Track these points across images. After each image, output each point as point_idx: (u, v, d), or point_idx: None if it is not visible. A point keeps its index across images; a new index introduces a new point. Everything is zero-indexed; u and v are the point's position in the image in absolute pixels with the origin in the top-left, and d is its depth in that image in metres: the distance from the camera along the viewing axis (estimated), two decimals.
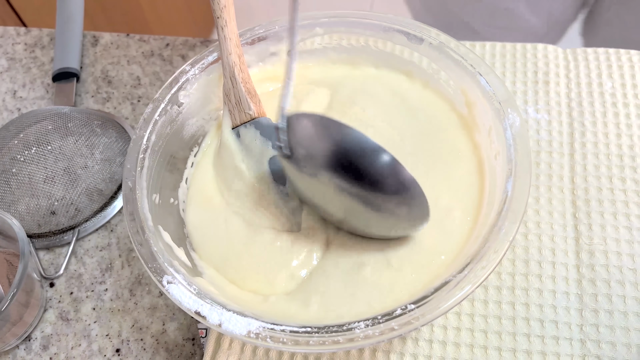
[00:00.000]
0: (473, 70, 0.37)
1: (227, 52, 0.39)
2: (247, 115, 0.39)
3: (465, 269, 0.29)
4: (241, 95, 0.39)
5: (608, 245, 0.40)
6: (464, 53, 0.38)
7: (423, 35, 0.39)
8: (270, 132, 0.39)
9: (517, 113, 0.34)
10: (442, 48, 0.39)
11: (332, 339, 0.28)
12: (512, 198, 0.31)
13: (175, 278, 0.31)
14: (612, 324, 0.37)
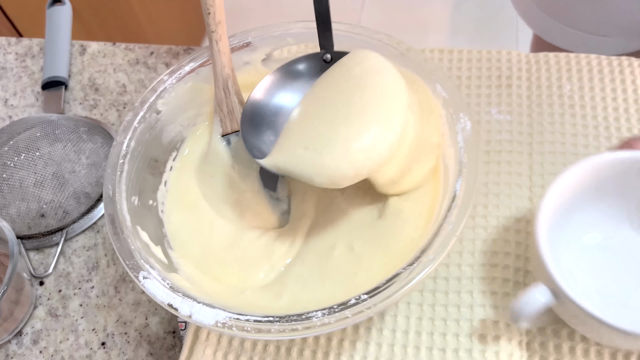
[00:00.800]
0: (431, 77, 0.40)
1: (221, 65, 0.41)
2: (239, 125, 0.42)
3: (415, 262, 0.32)
4: (234, 106, 0.42)
5: None
6: (422, 61, 0.41)
7: (388, 44, 0.42)
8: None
9: (468, 117, 0.37)
10: (404, 56, 0.41)
11: (291, 327, 0.31)
12: (460, 197, 0.34)
13: (150, 274, 0.34)
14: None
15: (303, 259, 0.38)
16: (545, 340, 0.39)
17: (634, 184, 0.39)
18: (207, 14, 0.41)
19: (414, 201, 0.38)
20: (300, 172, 0.35)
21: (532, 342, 0.39)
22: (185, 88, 0.44)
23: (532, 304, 0.34)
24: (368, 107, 0.36)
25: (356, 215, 0.39)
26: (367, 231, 0.38)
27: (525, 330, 0.39)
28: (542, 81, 0.52)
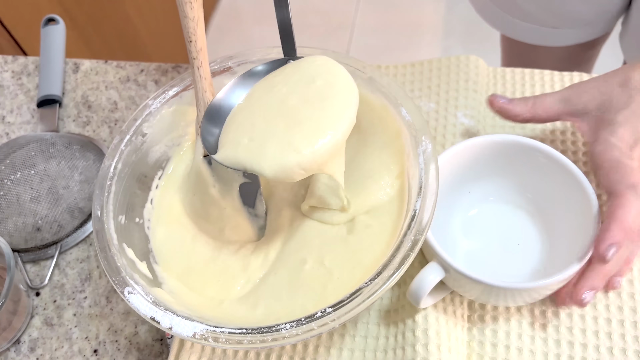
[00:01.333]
0: (396, 101, 0.42)
1: (202, 90, 0.44)
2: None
3: (376, 277, 0.35)
4: None
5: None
6: (387, 84, 0.43)
7: (356, 69, 0.45)
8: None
9: (429, 140, 0.40)
10: (372, 81, 0.44)
11: (262, 338, 0.34)
12: (419, 215, 0.37)
13: (135, 289, 0.37)
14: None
15: (276, 273, 0.41)
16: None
17: (512, 164, 0.46)
18: (189, 42, 0.44)
19: (381, 218, 0.41)
20: (248, 163, 0.38)
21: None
22: (169, 111, 0.46)
23: (428, 280, 0.39)
24: (315, 104, 0.39)
25: (327, 231, 0.42)
26: (338, 246, 0.41)
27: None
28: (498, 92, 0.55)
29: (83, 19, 1.21)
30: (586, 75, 0.55)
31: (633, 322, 0.42)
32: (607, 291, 0.44)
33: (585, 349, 0.41)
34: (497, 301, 0.42)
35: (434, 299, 0.42)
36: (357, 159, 0.44)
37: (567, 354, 0.41)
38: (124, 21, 1.30)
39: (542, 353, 0.42)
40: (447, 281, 0.41)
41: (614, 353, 0.41)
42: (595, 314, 0.43)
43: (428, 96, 0.55)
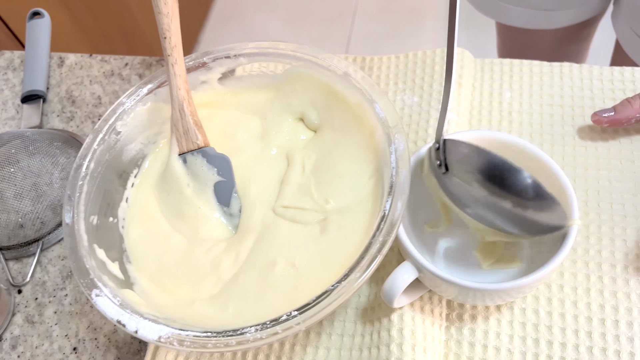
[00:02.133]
0: (370, 97, 0.42)
1: (177, 87, 0.44)
2: (194, 144, 0.44)
3: (343, 281, 0.34)
4: (189, 126, 0.44)
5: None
6: (361, 80, 0.42)
7: (330, 65, 0.44)
8: (215, 160, 0.44)
9: (402, 137, 0.39)
10: (346, 77, 0.43)
11: (227, 341, 0.34)
12: (388, 216, 0.36)
13: (102, 291, 0.37)
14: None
15: (246, 273, 0.41)
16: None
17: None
18: (164, 38, 0.43)
19: (354, 218, 0.41)
20: None
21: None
22: (144, 109, 0.46)
23: (400, 280, 0.38)
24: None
25: (299, 231, 0.42)
26: (310, 247, 0.40)
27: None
28: (484, 88, 0.54)
29: (81, 11, 1.20)
30: (576, 66, 0.54)
31: (614, 321, 0.41)
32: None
33: (564, 348, 0.41)
34: (475, 301, 0.41)
35: (409, 297, 0.42)
36: (331, 158, 0.44)
37: (546, 353, 0.41)
38: (124, 13, 1.30)
39: (520, 352, 0.41)
40: (423, 280, 0.40)
41: (593, 352, 0.40)
42: (575, 313, 0.42)
43: (412, 89, 0.54)
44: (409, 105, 0.54)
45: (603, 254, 0.44)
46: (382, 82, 0.56)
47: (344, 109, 0.44)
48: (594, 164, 0.48)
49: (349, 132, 0.44)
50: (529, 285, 0.38)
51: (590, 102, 0.52)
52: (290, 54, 0.45)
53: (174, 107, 0.44)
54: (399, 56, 0.57)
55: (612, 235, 0.45)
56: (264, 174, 0.45)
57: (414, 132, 0.51)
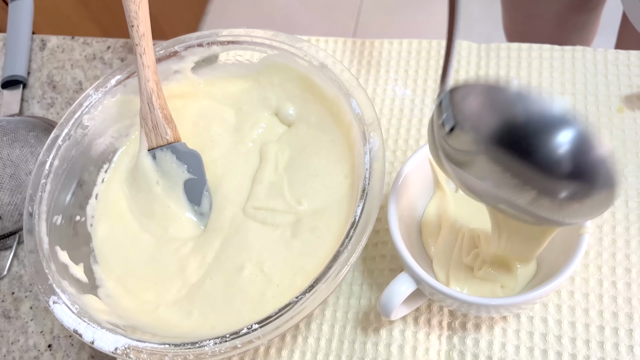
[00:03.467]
0: (347, 91, 0.39)
1: (145, 79, 0.41)
2: (163, 139, 0.42)
3: (308, 292, 0.32)
4: (158, 120, 0.42)
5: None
6: (340, 72, 0.40)
7: (307, 54, 0.41)
8: (186, 156, 0.42)
9: (378, 136, 0.36)
10: (323, 68, 0.40)
11: (184, 354, 0.32)
12: (359, 223, 0.34)
13: (60, 298, 0.35)
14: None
15: (212, 277, 0.39)
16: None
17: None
18: (131, 26, 0.41)
19: (328, 220, 0.38)
20: None
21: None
22: (113, 101, 0.44)
23: (398, 292, 0.35)
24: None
25: (270, 233, 0.39)
26: (280, 250, 0.38)
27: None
28: (490, 75, 0.50)
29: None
30: (589, 50, 0.50)
31: (628, 330, 0.38)
32: None
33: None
34: (479, 312, 0.38)
35: (408, 307, 0.39)
36: (305, 155, 0.41)
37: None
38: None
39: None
40: (424, 290, 0.37)
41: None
42: (587, 321, 0.39)
43: (404, 80, 0.51)
44: (400, 97, 0.50)
45: (617, 257, 0.41)
46: (373, 69, 0.53)
47: (320, 103, 0.41)
48: None
49: (325, 128, 0.41)
50: (536, 298, 0.35)
51: (604, 90, 0.48)
52: (266, 43, 0.42)
53: (143, 100, 0.42)
54: (392, 42, 0.54)
55: (627, 236, 0.42)
56: (238, 169, 0.43)
57: (405, 129, 0.48)
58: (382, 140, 0.36)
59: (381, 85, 0.51)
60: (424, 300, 0.39)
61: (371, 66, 0.53)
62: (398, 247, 0.36)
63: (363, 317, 0.42)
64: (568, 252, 0.36)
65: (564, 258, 0.35)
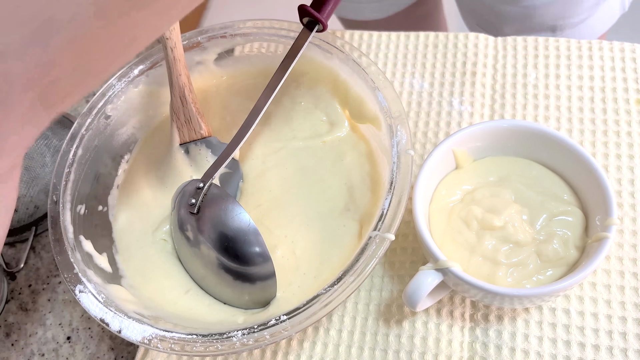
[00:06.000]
0: (373, 84, 0.39)
1: (177, 73, 0.41)
2: (197, 134, 0.42)
3: (336, 284, 0.32)
4: (192, 115, 0.42)
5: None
6: (365, 66, 0.39)
7: (334, 46, 0.41)
8: (221, 150, 0.42)
9: (405, 130, 0.36)
10: (348, 61, 0.40)
11: (213, 345, 0.32)
12: (387, 216, 0.34)
13: (86, 287, 0.35)
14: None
15: None
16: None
17: (527, 149, 0.41)
18: None
19: (356, 212, 0.38)
20: None
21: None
22: (135, 92, 0.44)
23: (424, 284, 0.35)
24: None
25: (311, 206, 0.40)
26: (312, 232, 0.39)
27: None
28: (507, 69, 0.50)
29: None
30: (606, 43, 0.50)
31: None
32: None
33: (597, 351, 0.38)
34: (502, 303, 0.38)
35: (433, 299, 0.39)
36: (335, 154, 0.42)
37: (578, 356, 0.38)
38: None
39: (550, 355, 0.38)
40: (448, 282, 0.38)
41: (628, 355, 0.38)
42: (609, 312, 0.39)
43: (421, 74, 0.51)
44: (417, 90, 0.50)
45: (638, 249, 0.41)
46: (390, 62, 0.53)
47: (349, 97, 0.41)
48: (627, 151, 0.45)
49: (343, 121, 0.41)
50: (561, 290, 0.35)
51: (622, 84, 0.48)
52: (291, 35, 0.42)
53: (174, 94, 0.42)
54: (409, 35, 0.54)
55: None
56: (271, 164, 0.43)
57: (424, 122, 0.48)
58: (409, 134, 0.36)
59: (398, 79, 0.52)
60: (447, 291, 0.39)
61: (388, 59, 0.53)
62: (425, 239, 0.36)
63: (385, 309, 0.42)
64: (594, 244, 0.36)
65: (591, 250, 0.36)
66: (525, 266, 0.37)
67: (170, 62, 0.41)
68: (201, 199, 0.37)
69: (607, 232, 0.35)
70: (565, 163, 0.40)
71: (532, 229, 0.38)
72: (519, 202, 0.39)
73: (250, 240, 0.35)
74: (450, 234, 0.39)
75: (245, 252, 0.35)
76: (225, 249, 0.36)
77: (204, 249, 0.37)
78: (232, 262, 0.36)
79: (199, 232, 0.37)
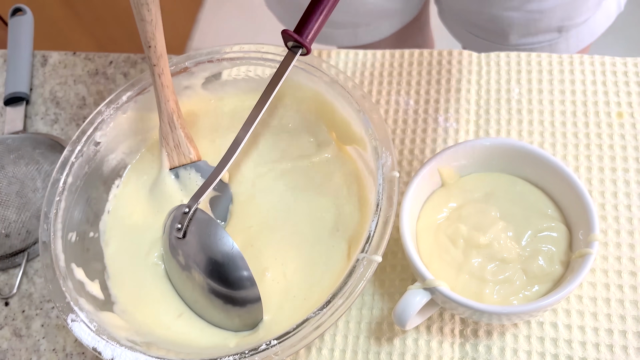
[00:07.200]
0: (358, 107, 0.39)
1: (165, 99, 0.42)
2: (187, 158, 0.43)
3: (325, 307, 0.33)
4: (181, 140, 0.42)
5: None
6: (351, 89, 0.40)
7: (318, 68, 0.42)
8: (210, 173, 0.43)
9: (389, 152, 0.37)
10: (335, 84, 0.41)
11: None
12: (374, 238, 0.34)
13: (78, 316, 0.35)
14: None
15: None
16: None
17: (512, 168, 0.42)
18: (148, 47, 0.41)
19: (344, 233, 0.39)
20: None
21: None
22: (124, 117, 0.44)
23: (413, 303, 0.36)
24: None
25: (300, 228, 0.41)
26: (302, 254, 0.39)
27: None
28: (491, 85, 0.51)
29: (83, 8, 1.17)
30: (587, 57, 0.51)
31: (636, 333, 0.39)
32: None
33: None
34: (491, 320, 0.39)
35: (422, 317, 0.39)
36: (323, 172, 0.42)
37: None
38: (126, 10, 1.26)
39: None
40: (436, 300, 0.38)
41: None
42: (595, 325, 0.40)
43: (407, 91, 0.52)
44: (403, 108, 0.51)
45: (623, 261, 0.42)
46: (376, 80, 0.54)
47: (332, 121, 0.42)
48: (609, 164, 0.46)
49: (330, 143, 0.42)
50: (547, 306, 0.36)
51: (603, 97, 0.49)
52: (277, 59, 0.43)
53: (163, 120, 0.42)
54: (394, 52, 0.55)
55: (631, 240, 0.43)
56: (259, 187, 0.44)
57: (410, 139, 0.49)
58: (394, 156, 0.37)
59: (384, 96, 0.52)
60: (437, 308, 0.40)
61: (374, 77, 0.54)
62: (412, 258, 0.37)
63: (376, 327, 0.42)
64: (576, 261, 0.37)
65: (576, 265, 0.36)
66: (511, 283, 0.38)
67: (158, 89, 0.42)
68: (187, 224, 0.37)
69: (590, 248, 0.36)
70: (548, 179, 0.41)
71: (518, 246, 0.39)
72: (504, 218, 0.40)
73: (235, 265, 0.36)
74: (438, 252, 0.39)
75: (231, 276, 0.36)
76: (212, 273, 0.36)
77: (194, 273, 0.37)
78: (220, 286, 0.36)
79: (187, 256, 0.37)
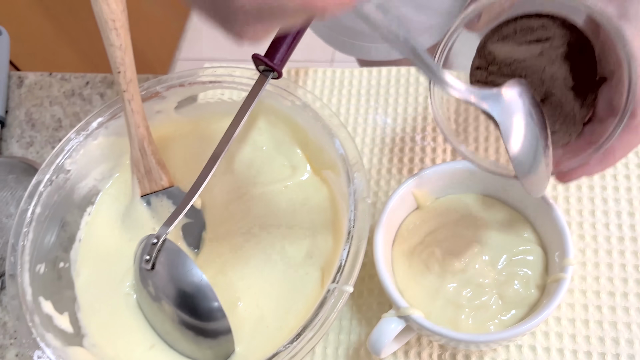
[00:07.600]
0: (330, 131, 0.39)
1: (136, 125, 0.41)
2: (158, 185, 0.42)
3: (295, 340, 0.32)
4: (152, 166, 0.42)
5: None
6: (322, 114, 0.40)
7: (289, 94, 0.41)
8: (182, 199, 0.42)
9: (362, 177, 0.37)
10: (306, 108, 0.40)
11: None
12: (345, 267, 0.34)
13: (44, 353, 0.35)
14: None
15: None
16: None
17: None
18: (118, 72, 0.40)
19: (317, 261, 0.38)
20: None
21: None
22: (95, 144, 0.43)
23: (388, 331, 0.35)
24: None
25: (274, 255, 0.40)
26: (275, 285, 0.39)
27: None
28: None
29: (70, 24, 1.16)
30: None
31: (615, 355, 0.39)
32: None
33: None
34: (468, 347, 0.39)
35: (398, 343, 0.39)
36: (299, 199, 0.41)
37: None
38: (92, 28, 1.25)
39: None
40: (412, 327, 0.37)
41: None
42: (574, 347, 0.40)
43: (384, 109, 0.52)
44: (381, 126, 0.51)
45: (601, 282, 0.42)
46: (353, 99, 0.53)
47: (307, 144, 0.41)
48: (587, 181, 0.45)
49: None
50: (525, 331, 0.35)
51: None
52: (250, 83, 0.42)
53: (134, 147, 0.42)
54: (372, 70, 0.54)
55: (609, 259, 0.42)
56: (235, 211, 0.43)
57: (387, 158, 0.49)
58: (366, 181, 0.36)
59: (362, 115, 0.52)
60: (413, 334, 0.39)
61: (351, 95, 0.53)
62: (386, 286, 0.36)
63: (353, 353, 0.41)
64: (552, 285, 0.36)
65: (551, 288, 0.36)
66: (487, 308, 0.37)
67: (128, 115, 0.41)
68: (155, 255, 0.37)
69: (564, 273, 0.35)
70: (523, 201, 0.40)
71: (494, 270, 0.38)
72: (479, 241, 0.39)
73: (204, 296, 0.35)
74: (413, 277, 0.39)
75: (200, 307, 0.35)
76: (181, 304, 0.36)
77: (164, 304, 0.37)
78: (190, 318, 0.36)
79: (157, 287, 0.37)
